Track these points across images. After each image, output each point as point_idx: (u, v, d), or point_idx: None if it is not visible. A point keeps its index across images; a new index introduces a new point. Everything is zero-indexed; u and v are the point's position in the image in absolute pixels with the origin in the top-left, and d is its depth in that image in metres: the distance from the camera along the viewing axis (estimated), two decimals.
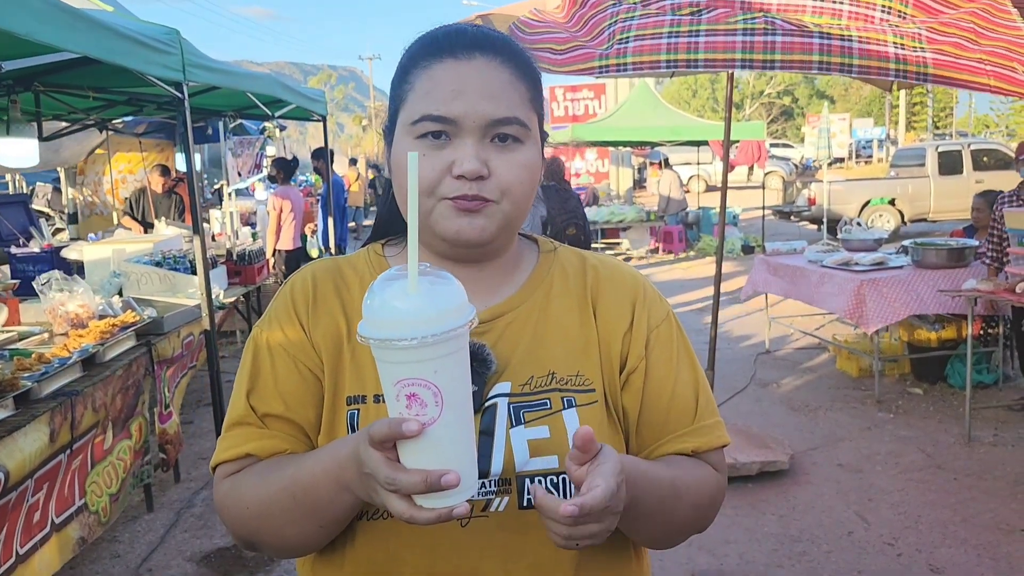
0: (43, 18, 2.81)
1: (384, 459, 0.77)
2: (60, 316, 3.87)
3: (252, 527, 0.96)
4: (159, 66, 3.82)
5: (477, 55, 0.95)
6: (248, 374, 1.02)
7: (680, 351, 1.06)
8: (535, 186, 1.00)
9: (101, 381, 3.31)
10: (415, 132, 0.95)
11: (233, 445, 0.99)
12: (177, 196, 8.31)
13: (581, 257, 1.10)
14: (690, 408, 1.03)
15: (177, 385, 4.38)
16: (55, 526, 2.93)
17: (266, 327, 1.04)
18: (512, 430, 0.94)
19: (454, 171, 0.92)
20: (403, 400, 0.75)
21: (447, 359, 0.75)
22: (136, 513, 4.19)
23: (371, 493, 0.81)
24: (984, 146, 15.53)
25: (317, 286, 1.04)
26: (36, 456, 2.76)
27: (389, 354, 0.75)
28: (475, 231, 0.95)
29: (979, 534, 3.67)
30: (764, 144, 16.05)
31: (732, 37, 3.50)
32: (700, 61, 3.55)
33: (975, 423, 4.89)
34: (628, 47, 3.61)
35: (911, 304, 5.38)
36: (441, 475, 0.74)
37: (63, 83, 4.95)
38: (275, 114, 7.37)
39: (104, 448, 3.36)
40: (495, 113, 0.94)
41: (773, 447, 4.52)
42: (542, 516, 0.80)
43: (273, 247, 7.76)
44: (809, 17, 3.73)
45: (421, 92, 0.95)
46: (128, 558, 3.74)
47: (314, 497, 0.89)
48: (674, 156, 22.11)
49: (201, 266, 4.34)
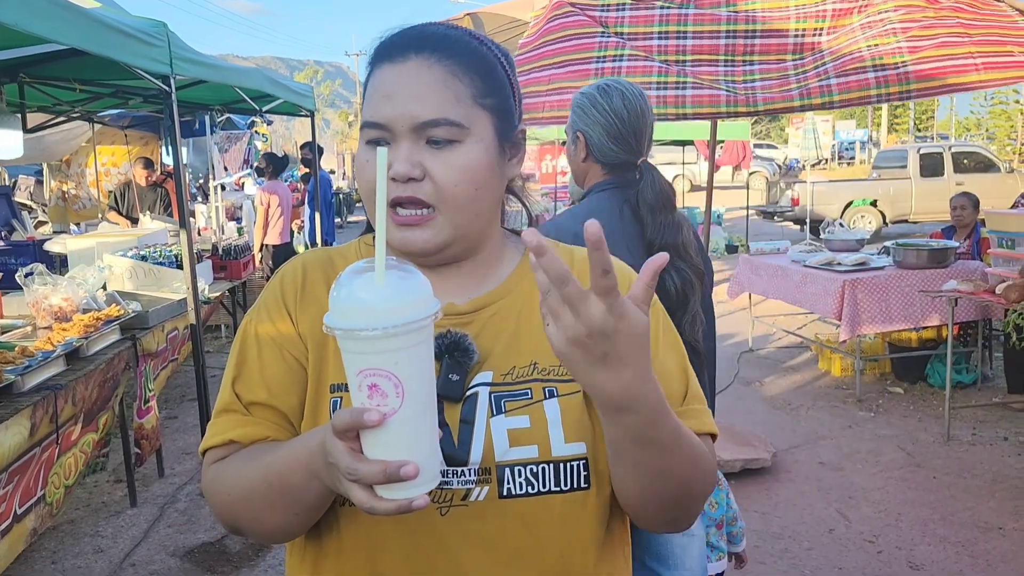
0: (30, 9, 2.79)
1: (346, 449, 0.78)
2: (44, 309, 3.84)
3: (233, 512, 0.98)
4: (146, 59, 3.80)
5: (412, 56, 0.96)
6: (235, 362, 1.03)
7: (665, 337, 1.04)
8: (485, 187, 0.98)
9: (84, 375, 3.30)
10: (364, 137, 0.98)
11: (218, 432, 1.01)
12: (163, 190, 8.27)
13: (570, 252, 1.10)
14: (678, 391, 1.01)
15: (155, 378, 4.34)
16: (16, 517, 2.88)
17: (255, 316, 1.05)
18: (492, 419, 0.95)
19: (389, 173, 0.93)
20: (364, 390, 0.77)
21: (409, 351, 0.76)
22: (119, 508, 4.17)
23: (335, 482, 0.82)
24: (965, 149, 15.71)
25: (307, 276, 1.05)
26: (14, 450, 2.74)
27: (352, 344, 0.76)
28: (419, 243, 0.96)
29: (957, 531, 3.73)
30: (749, 144, 16.13)
31: (717, 91, 3.66)
32: (688, 115, 3.77)
33: (954, 422, 4.96)
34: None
35: (892, 315, 5.46)
36: (400, 466, 0.75)
37: (49, 75, 4.92)
38: (262, 109, 7.34)
39: (72, 439, 3.32)
40: (423, 115, 0.94)
41: (756, 445, 4.56)
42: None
43: (261, 242, 7.74)
44: (793, 24, 3.78)
45: (368, 98, 0.98)
46: (111, 553, 3.72)
47: (288, 484, 0.90)
48: (659, 155, 22.17)
49: (187, 260, 4.32)
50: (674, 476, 0.91)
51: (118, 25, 3.50)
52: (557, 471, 0.95)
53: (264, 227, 7.74)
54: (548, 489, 0.95)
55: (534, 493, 0.95)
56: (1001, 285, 4.49)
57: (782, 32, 3.74)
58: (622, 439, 0.86)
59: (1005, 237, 4.79)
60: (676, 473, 0.91)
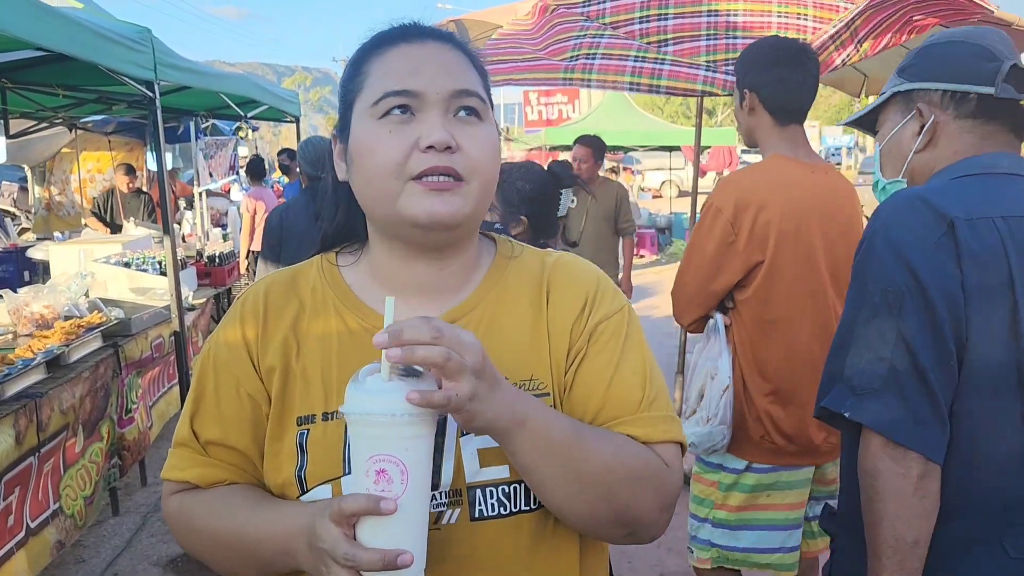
0: (14, 12, 2.77)
1: (343, 535, 0.79)
2: (25, 317, 3.80)
3: (200, 552, 1.01)
4: (131, 64, 3.78)
5: (429, 40, 0.96)
6: (194, 396, 1.03)
7: (629, 343, 1.01)
8: (499, 169, 0.98)
9: (67, 383, 3.27)
10: (377, 112, 0.92)
11: (177, 467, 1.01)
12: (146, 196, 8.21)
13: (542, 257, 1.07)
14: (633, 398, 0.97)
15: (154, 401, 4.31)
16: (30, 530, 2.90)
17: (213, 344, 1.03)
18: (463, 439, 0.93)
19: (421, 144, 0.90)
20: (372, 475, 0.80)
21: (417, 440, 0.80)
22: (101, 517, 4.12)
23: (320, 566, 0.83)
24: None
25: (268, 303, 1.03)
26: (2, 458, 2.72)
27: (367, 429, 0.80)
28: (449, 210, 0.91)
29: None
30: (736, 150, 16.23)
31: (695, 70, 3.67)
32: (662, 87, 3.77)
33: None
34: (595, 64, 3.75)
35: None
36: (398, 555, 0.77)
37: (32, 80, 4.89)
38: (248, 115, 7.31)
39: (76, 451, 3.33)
40: (457, 84, 0.93)
41: None
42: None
43: (247, 248, 7.70)
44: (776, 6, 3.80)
45: (378, 75, 0.94)
46: (93, 563, 3.68)
47: (257, 554, 0.93)
48: (647, 161, 22.27)
49: (171, 267, 4.30)
50: (585, 474, 0.89)
51: (102, 31, 3.48)
52: (528, 491, 0.94)
53: (250, 234, 7.70)
54: (519, 509, 0.94)
55: (506, 514, 0.94)
56: None
57: (764, 12, 3.76)
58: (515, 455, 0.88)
59: None
60: (587, 471, 0.89)
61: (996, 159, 1.39)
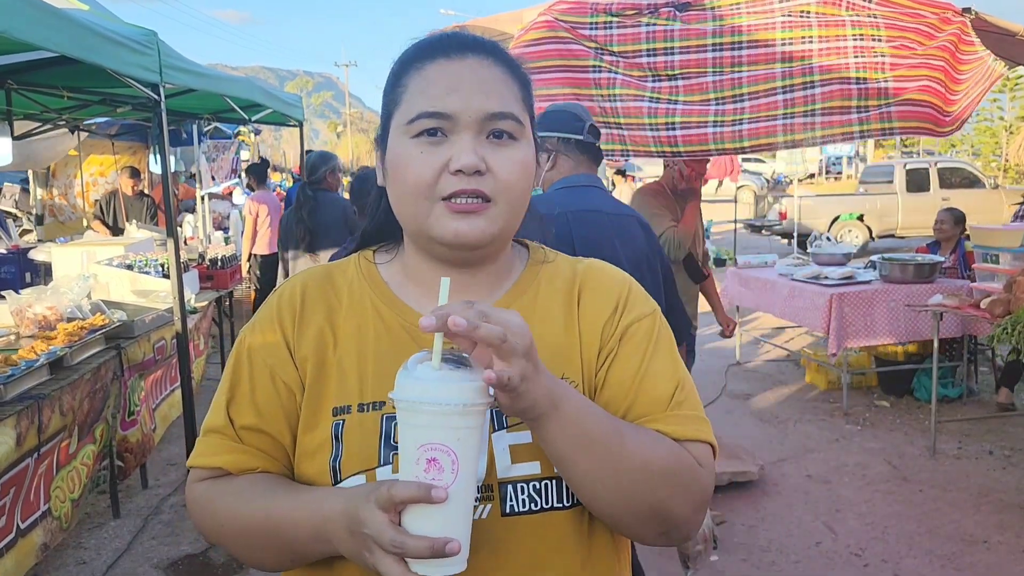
0: (19, 15, 2.78)
1: (389, 521, 0.79)
2: (27, 318, 3.80)
3: (226, 542, 0.99)
4: (136, 67, 3.78)
5: (469, 55, 0.96)
6: (229, 383, 1.03)
7: (660, 345, 1.02)
8: (531, 188, 1.00)
9: (69, 384, 3.26)
10: (411, 131, 0.95)
11: (208, 453, 1.00)
12: (149, 199, 8.21)
13: (573, 263, 1.10)
14: (663, 396, 0.98)
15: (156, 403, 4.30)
16: (20, 531, 2.88)
17: (249, 333, 1.04)
18: (495, 434, 0.94)
19: (451, 167, 0.92)
20: (423, 464, 0.80)
21: (469, 430, 0.80)
22: (102, 520, 4.12)
23: (362, 551, 0.82)
24: (950, 164, 15.85)
25: (306, 297, 1.04)
26: (2, 459, 2.71)
27: (418, 418, 0.80)
28: (475, 232, 0.94)
29: (943, 545, 3.74)
30: (737, 158, 16.22)
31: (704, 130, 3.88)
32: (681, 153, 3.98)
33: (940, 436, 4.98)
34: (624, 135, 4.01)
35: (878, 329, 5.50)
36: (446, 543, 0.77)
37: (37, 82, 4.89)
38: (251, 118, 7.32)
39: (69, 452, 3.31)
40: (491, 107, 0.94)
41: (743, 458, 4.57)
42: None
43: (249, 251, 7.70)
44: (780, 33, 3.82)
45: (415, 91, 0.96)
46: (94, 565, 3.68)
47: (290, 539, 0.91)
48: (648, 168, 22.26)
49: (174, 269, 4.30)
50: (622, 471, 0.89)
51: (108, 33, 3.49)
52: (560, 487, 0.94)
53: (252, 237, 7.70)
54: (551, 506, 0.94)
55: (537, 510, 0.94)
56: (986, 300, 4.52)
57: (769, 42, 3.78)
58: (551, 444, 0.88)
59: (989, 252, 4.83)
60: (625, 467, 0.89)
61: (580, 178, 2.54)
